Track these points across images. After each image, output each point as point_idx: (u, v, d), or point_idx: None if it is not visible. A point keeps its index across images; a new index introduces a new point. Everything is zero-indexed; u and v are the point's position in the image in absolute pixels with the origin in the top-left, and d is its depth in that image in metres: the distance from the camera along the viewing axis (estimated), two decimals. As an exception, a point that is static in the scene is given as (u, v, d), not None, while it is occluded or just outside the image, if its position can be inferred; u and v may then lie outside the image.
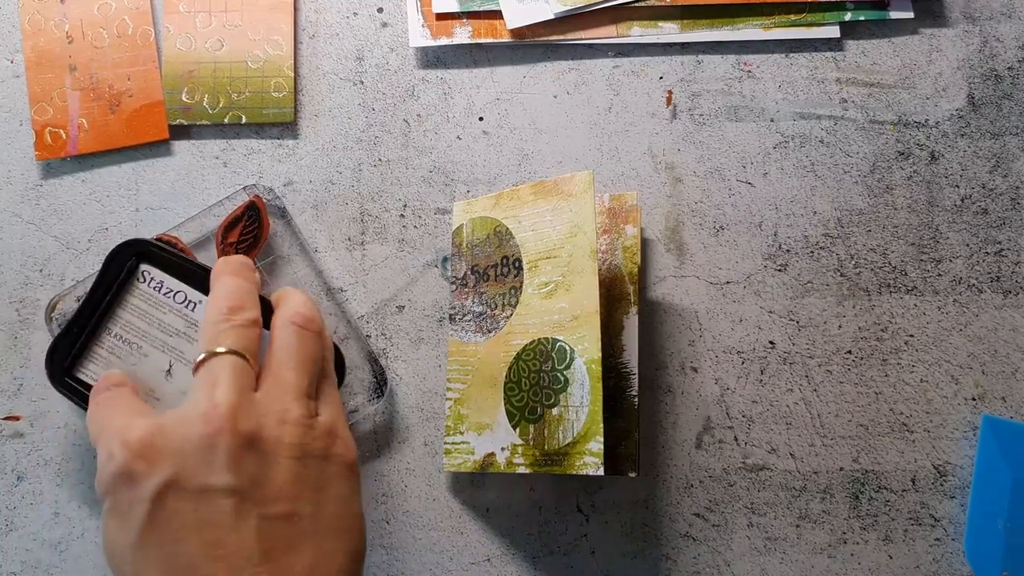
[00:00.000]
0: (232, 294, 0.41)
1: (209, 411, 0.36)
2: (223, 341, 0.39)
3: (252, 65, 0.56)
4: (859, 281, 0.55)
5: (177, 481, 0.35)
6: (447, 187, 0.56)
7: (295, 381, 0.39)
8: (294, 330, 0.41)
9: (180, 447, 0.36)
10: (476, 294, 0.53)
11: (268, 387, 0.39)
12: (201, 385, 0.38)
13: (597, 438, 0.45)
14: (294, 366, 0.40)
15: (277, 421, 0.38)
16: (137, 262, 0.46)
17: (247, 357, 0.39)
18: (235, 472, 0.36)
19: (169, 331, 0.45)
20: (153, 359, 0.45)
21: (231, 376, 0.38)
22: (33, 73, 0.55)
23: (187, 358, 0.45)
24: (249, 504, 0.36)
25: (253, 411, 0.37)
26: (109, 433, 0.37)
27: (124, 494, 0.36)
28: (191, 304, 0.45)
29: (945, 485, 0.53)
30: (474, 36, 0.56)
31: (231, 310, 0.40)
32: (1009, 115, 0.56)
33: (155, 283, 0.46)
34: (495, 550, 0.52)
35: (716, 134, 0.56)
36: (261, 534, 0.35)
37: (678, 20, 0.57)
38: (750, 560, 0.52)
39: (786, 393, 0.54)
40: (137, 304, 0.46)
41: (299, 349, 0.41)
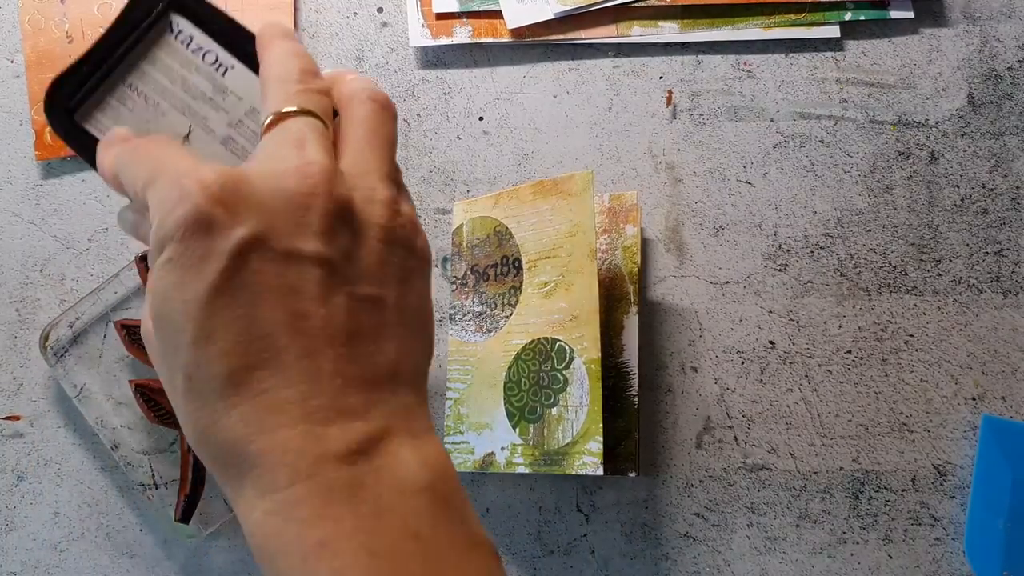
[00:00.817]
0: (302, 57, 0.35)
1: (303, 167, 0.31)
2: (299, 101, 0.34)
3: (252, 65, 0.56)
4: (859, 281, 0.55)
5: (264, 238, 0.30)
6: (447, 187, 0.56)
7: (378, 160, 0.34)
8: (372, 107, 0.35)
9: (270, 200, 0.31)
10: (476, 294, 0.53)
11: (351, 162, 0.34)
12: (282, 142, 0.33)
13: (596, 438, 0.45)
14: (376, 144, 0.34)
15: (366, 199, 0.33)
16: (168, 9, 0.40)
17: (326, 123, 0.34)
18: (328, 241, 0.31)
19: (194, 93, 0.40)
20: (171, 120, 0.39)
21: (317, 136, 0.33)
22: (33, 73, 0.55)
23: (210, 126, 0.40)
24: (338, 279, 0.31)
25: (344, 180, 0.32)
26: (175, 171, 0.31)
27: (198, 243, 0.30)
28: (223, 68, 0.40)
29: (945, 485, 0.53)
30: (474, 36, 0.56)
31: (303, 72, 0.35)
32: (1009, 115, 0.56)
33: (184, 37, 0.40)
34: (495, 550, 0.52)
35: (716, 134, 0.56)
36: (349, 313, 0.31)
37: (678, 20, 0.57)
38: (750, 560, 0.52)
39: (786, 393, 0.54)
40: (161, 57, 0.40)
41: (379, 126, 0.35)
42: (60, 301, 0.54)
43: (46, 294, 0.54)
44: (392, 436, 0.30)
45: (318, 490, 0.29)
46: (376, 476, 0.29)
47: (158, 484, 0.51)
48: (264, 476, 0.29)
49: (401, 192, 0.35)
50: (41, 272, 0.54)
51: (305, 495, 0.29)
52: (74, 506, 0.52)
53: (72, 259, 0.54)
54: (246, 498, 0.30)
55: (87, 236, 0.54)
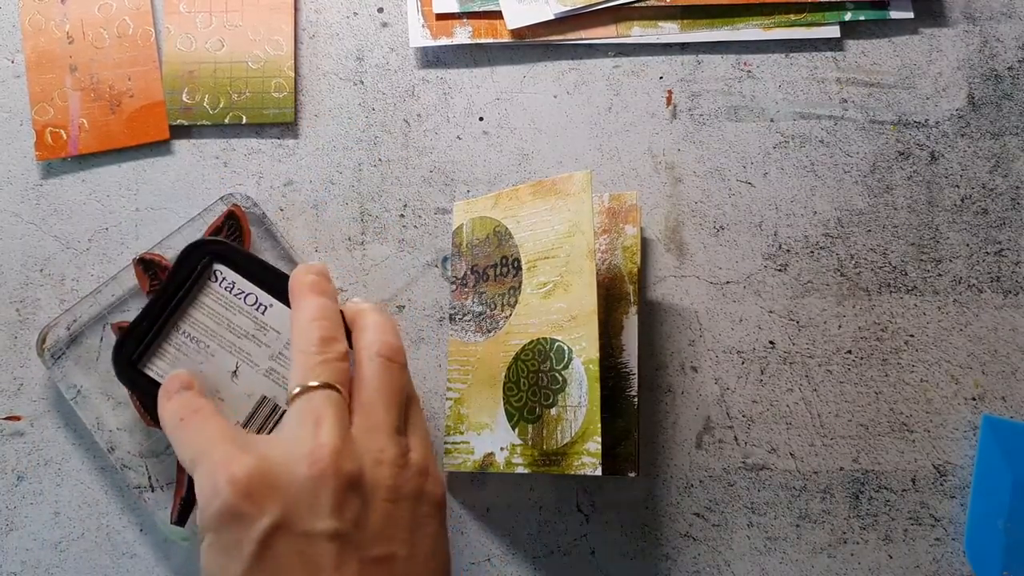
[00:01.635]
0: (321, 322, 0.41)
1: (315, 450, 0.37)
2: (319, 375, 0.39)
3: (252, 65, 0.56)
4: (859, 281, 0.55)
5: (284, 523, 0.36)
6: (447, 187, 0.56)
7: (387, 419, 0.40)
8: (381, 363, 0.41)
9: (287, 488, 0.36)
10: (476, 294, 0.53)
11: (362, 424, 0.39)
12: (302, 421, 0.38)
13: (595, 438, 0.45)
14: (385, 403, 0.40)
15: (374, 462, 0.38)
16: (211, 261, 0.46)
17: (341, 391, 0.39)
18: (339, 516, 0.36)
19: (238, 332, 0.45)
20: (220, 359, 0.45)
21: (332, 413, 0.38)
22: (33, 73, 0.55)
23: (254, 361, 0.45)
24: (351, 547, 0.36)
25: (353, 451, 0.38)
26: (211, 465, 0.37)
27: (231, 533, 0.36)
28: (262, 307, 0.45)
29: (945, 485, 0.53)
30: (474, 36, 0.56)
31: (323, 341, 0.40)
32: (1009, 115, 0.56)
33: (227, 283, 0.45)
34: (495, 550, 0.52)
35: (716, 134, 0.56)
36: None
37: (678, 20, 0.57)
38: (750, 560, 0.52)
39: (786, 393, 0.54)
40: (208, 303, 0.45)
41: (388, 383, 0.40)
42: (60, 301, 0.54)
43: (46, 294, 0.54)
44: None
45: None
46: None
47: (154, 487, 0.51)
48: None
49: (412, 436, 0.41)
50: (41, 272, 0.54)
51: None
52: (74, 506, 0.52)
53: (72, 259, 0.54)
54: None
55: (87, 236, 0.54)
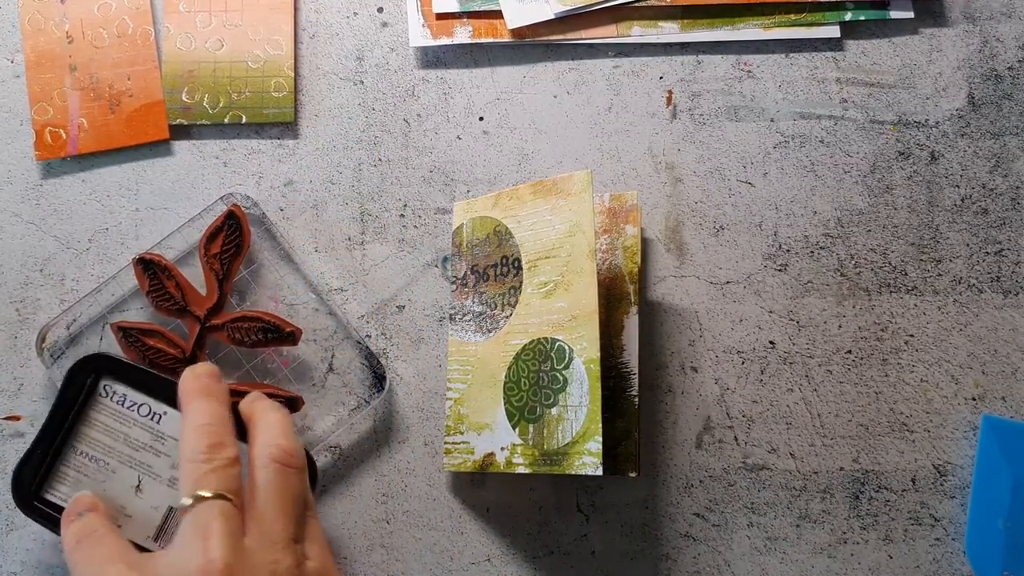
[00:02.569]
0: (208, 428, 0.41)
1: (204, 567, 0.36)
2: (208, 485, 0.39)
3: (252, 65, 0.56)
4: (859, 281, 0.55)
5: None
6: (447, 187, 0.56)
7: (282, 529, 0.39)
8: (276, 469, 0.40)
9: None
10: (476, 294, 0.53)
11: (256, 535, 0.39)
12: (192, 535, 0.38)
13: (596, 438, 0.45)
14: (279, 511, 0.40)
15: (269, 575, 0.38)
16: (97, 377, 0.45)
17: (233, 500, 0.39)
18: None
19: (135, 445, 0.45)
20: (121, 475, 0.44)
21: (222, 526, 0.38)
22: (33, 73, 0.55)
23: (155, 472, 0.44)
24: None
25: (246, 565, 0.37)
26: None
27: None
28: (156, 416, 0.45)
29: (945, 485, 0.53)
30: (474, 36, 0.56)
31: (211, 448, 0.40)
32: (1009, 115, 0.56)
33: (118, 397, 0.45)
34: (495, 550, 0.52)
35: (716, 134, 0.56)
36: None
37: (678, 20, 0.57)
38: (750, 560, 0.52)
39: (786, 393, 0.54)
40: (101, 420, 0.45)
41: (282, 491, 0.40)
42: (60, 301, 0.54)
43: (46, 294, 0.54)
44: None
45: None
46: None
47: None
48: None
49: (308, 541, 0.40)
50: (41, 272, 0.54)
51: None
52: (74, 506, 0.52)
53: (72, 259, 0.54)
54: None
55: (87, 236, 0.54)
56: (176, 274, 0.51)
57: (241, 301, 0.54)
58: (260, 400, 0.44)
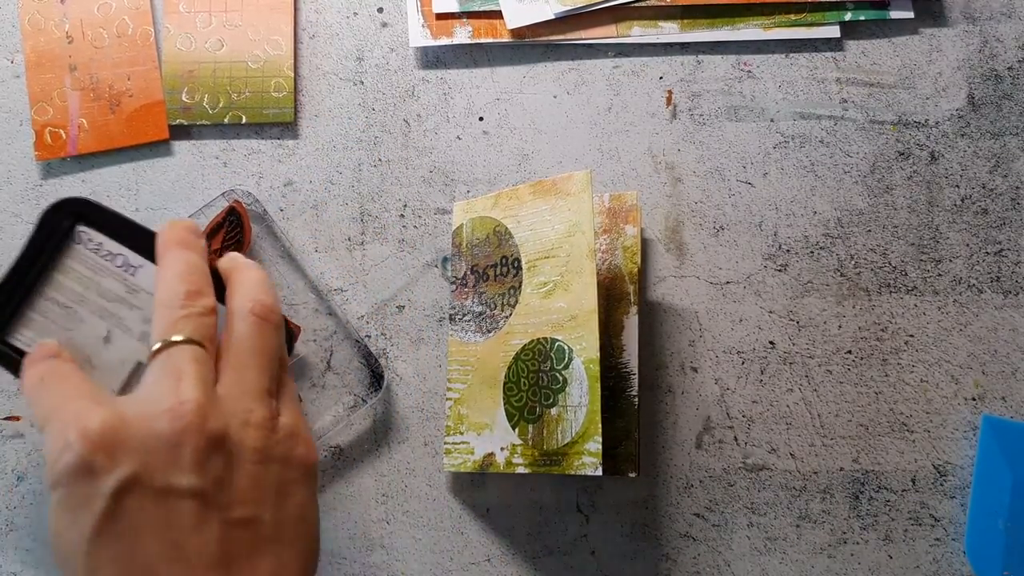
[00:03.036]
0: (186, 276, 0.38)
1: (176, 407, 0.35)
2: (182, 329, 0.37)
3: (252, 65, 0.56)
4: (859, 281, 0.55)
5: (139, 478, 0.34)
6: (447, 187, 0.56)
7: (257, 380, 0.37)
8: (254, 322, 0.38)
9: (144, 443, 0.34)
10: (476, 294, 0.53)
11: (230, 384, 0.37)
12: (162, 376, 0.36)
13: (595, 438, 0.45)
14: (254, 363, 0.38)
15: (241, 423, 0.36)
16: (74, 222, 0.42)
17: (206, 347, 0.37)
18: (200, 473, 0.34)
19: (108, 296, 0.42)
20: (90, 325, 0.41)
21: (195, 369, 0.36)
22: (33, 73, 0.55)
23: (126, 325, 0.42)
24: (212, 508, 0.34)
25: (219, 410, 0.36)
26: (63, 418, 0.35)
27: (80, 487, 0.34)
28: (131, 268, 0.42)
29: (945, 485, 0.53)
30: (474, 36, 0.56)
31: (188, 295, 0.38)
32: (1009, 115, 0.56)
33: (93, 245, 0.42)
34: (495, 550, 0.52)
35: (716, 134, 0.56)
36: (223, 538, 0.34)
37: (678, 20, 0.57)
38: (750, 560, 0.52)
39: (786, 393, 0.54)
40: (73, 267, 0.42)
41: (260, 344, 0.38)
42: (60, 301, 0.54)
43: (46, 294, 0.54)
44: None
45: None
46: None
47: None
48: None
49: (283, 400, 0.39)
50: (41, 272, 0.54)
51: None
52: (74, 506, 0.52)
53: (72, 259, 0.54)
54: None
55: (87, 236, 0.54)
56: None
57: (241, 301, 0.54)
58: (239, 258, 0.42)
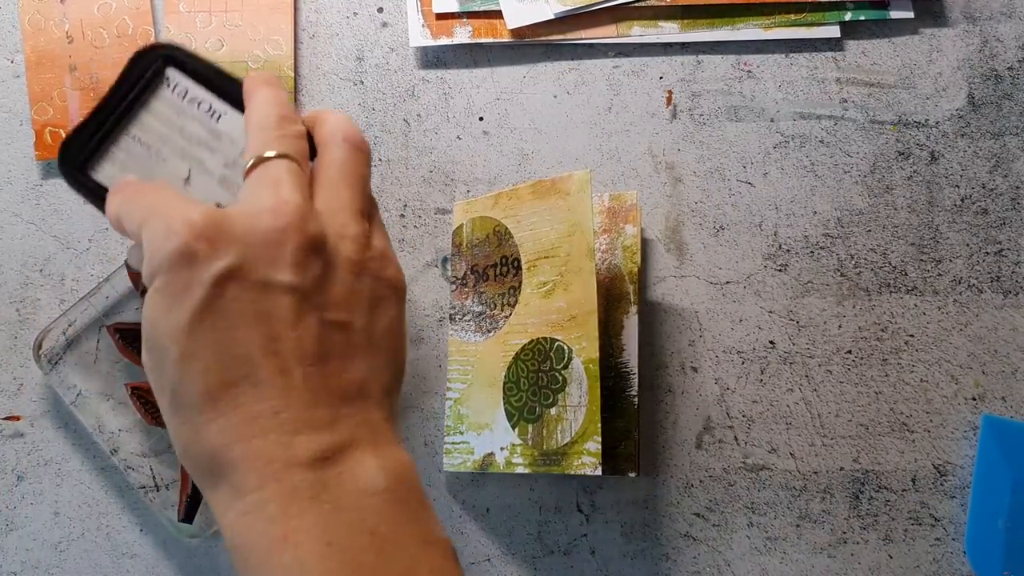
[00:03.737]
0: (278, 103, 0.40)
1: (278, 205, 0.35)
2: (277, 147, 0.38)
3: (252, 65, 0.56)
4: (859, 281, 0.55)
5: (241, 269, 0.34)
6: (447, 187, 0.56)
7: (350, 198, 0.38)
8: (347, 148, 0.39)
9: (246, 236, 0.35)
10: (476, 294, 0.53)
11: (325, 200, 0.38)
12: (260, 184, 0.37)
13: (595, 438, 0.45)
14: (349, 184, 0.39)
15: (337, 234, 0.37)
16: (164, 64, 0.43)
17: (301, 165, 0.38)
18: (300, 271, 0.35)
19: (191, 139, 0.43)
20: (171, 165, 0.43)
21: (292, 178, 0.37)
22: (33, 73, 0.55)
23: (207, 167, 0.43)
24: (309, 305, 0.35)
25: (317, 217, 0.36)
26: (165, 212, 0.35)
27: (182, 274, 0.34)
28: (216, 115, 0.43)
29: (945, 485, 0.53)
30: (474, 36, 0.56)
31: (282, 118, 0.39)
32: (1009, 115, 0.56)
33: (180, 89, 0.43)
34: (495, 550, 0.52)
35: (716, 134, 0.56)
36: (319, 336, 0.35)
37: (678, 20, 0.57)
38: (750, 560, 0.52)
39: (786, 393, 0.54)
40: (159, 108, 0.43)
41: (353, 167, 0.39)
42: (60, 301, 0.54)
43: (46, 294, 0.54)
44: (356, 446, 0.34)
45: (284, 491, 0.32)
46: (338, 480, 0.33)
47: (159, 486, 0.51)
48: (238, 481, 0.33)
49: (374, 226, 0.39)
50: (41, 272, 0.54)
51: (272, 496, 0.32)
52: (74, 506, 0.52)
53: (72, 259, 0.54)
54: (223, 501, 0.33)
55: (87, 236, 0.54)
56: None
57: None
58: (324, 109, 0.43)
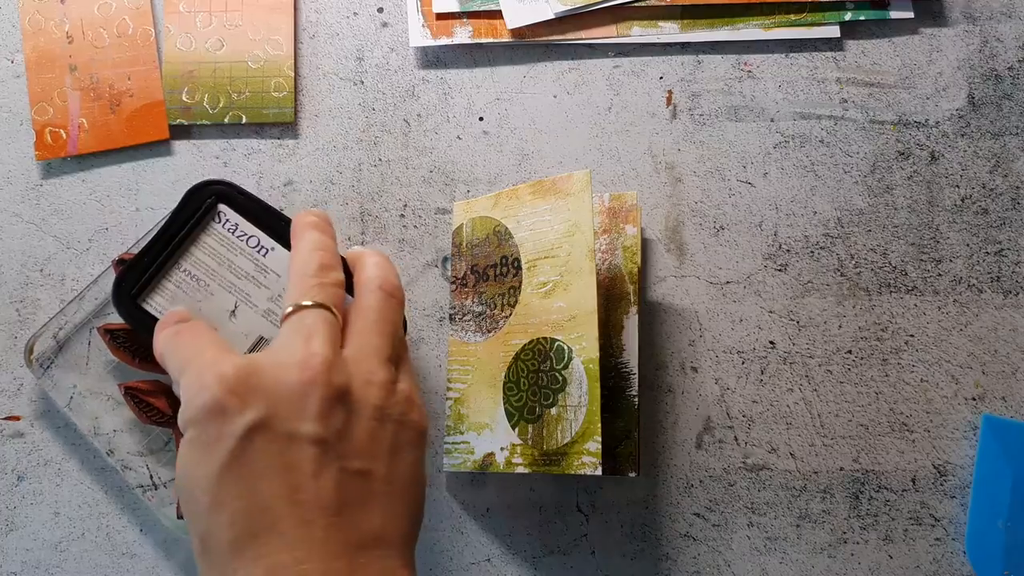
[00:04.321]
0: (320, 250, 0.42)
1: (306, 359, 0.37)
2: (314, 296, 0.40)
3: (252, 65, 0.56)
4: (859, 281, 0.55)
5: (268, 422, 0.36)
6: (447, 187, 0.56)
7: (380, 345, 0.40)
8: (380, 296, 0.42)
9: (274, 389, 0.37)
10: (476, 294, 0.53)
11: (355, 347, 0.40)
12: (294, 333, 0.39)
13: (595, 438, 0.45)
14: (379, 331, 0.41)
15: (364, 381, 0.38)
16: (216, 201, 0.46)
17: (335, 313, 0.40)
18: (323, 423, 0.37)
19: (239, 273, 0.45)
20: (219, 298, 0.45)
21: (325, 329, 0.39)
22: (33, 73, 0.55)
23: (253, 301, 0.45)
24: (331, 456, 0.37)
25: (344, 367, 0.38)
26: (200, 364, 0.38)
27: (213, 427, 0.36)
28: (263, 250, 0.46)
29: (945, 485, 0.53)
30: (474, 36, 0.56)
31: (321, 267, 0.41)
32: (1009, 115, 0.56)
33: (230, 225, 0.46)
34: (495, 550, 0.52)
35: (716, 134, 0.56)
36: (339, 486, 0.36)
37: (678, 20, 0.57)
38: (750, 560, 0.52)
39: (786, 393, 0.54)
40: (210, 243, 0.46)
41: (385, 314, 0.41)
42: (60, 301, 0.54)
43: (46, 294, 0.54)
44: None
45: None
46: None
47: (157, 484, 0.51)
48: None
49: (401, 370, 0.41)
50: (41, 272, 0.54)
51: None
52: (74, 506, 0.52)
53: (72, 259, 0.54)
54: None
55: (87, 236, 0.54)
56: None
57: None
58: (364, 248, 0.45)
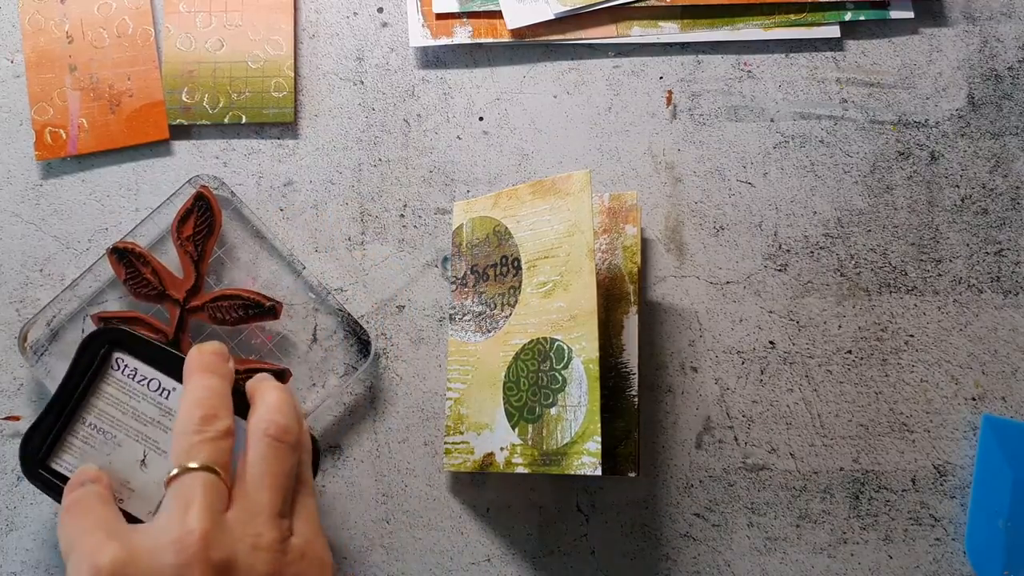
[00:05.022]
0: (204, 400, 0.41)
1: (181, 537, 0.36)
2: (195, 456, 0.39)
3: (252, 65, 0.56)
4: (859, 281, 0.55)
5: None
6: (447, 187, 0.56)
7: (268, 502, 0.39)
8: (267, 443, 0.40)
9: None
10: (476, 294, 0.53)
11: (241, 508, 0.39)
12: (174, 505, 0.38)
13: (595, 438, 0.45)
14: (267, 485, 0.39)
15: (250, 548, 0.37)
16: (110, 350, 0.45)
17: (219, 472, 0.39)
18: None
19: (143, 419, 0.45)
20: (127, 449, 0.44)
21: (204, 497, 0.38)
22: (33, 73, 0.55)
23: (161, 448, 0.44)
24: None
25: (226, 537, 0.37)
26: (79, 554, 0.37)
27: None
28: (165, 392, 0.45)
29: (945, 485, 0.53)
30: (474, 36, 0.56)
31: (203, 420, 0.40)
32: (1009, 115, 0.56)
33: (129, 370, 0.45)
34: (495, 550, 0.52)
35: (716, 134, 0.56)
36: None
37: (678, 20, 0.57)
38: (750, 560, 0.52)
39: (786, 393, 0.54)
40: (111, 392, 0.45)
41: (273, 465, 0.40)
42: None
43: (46, 294, 0.54)
44: None
45: None
46: None
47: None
48: None
49: (298, 519, 0.40)
50: (41, 272, 0.54)
51: None
52: (74, 506, 0.52)
53: (72, 259, 0.54)
54: None
55: (87, 236, 0.54)
56: (151, 260, 0.51)
57: (218, 282, 0.54)
58: (265, 380, 0.44)
